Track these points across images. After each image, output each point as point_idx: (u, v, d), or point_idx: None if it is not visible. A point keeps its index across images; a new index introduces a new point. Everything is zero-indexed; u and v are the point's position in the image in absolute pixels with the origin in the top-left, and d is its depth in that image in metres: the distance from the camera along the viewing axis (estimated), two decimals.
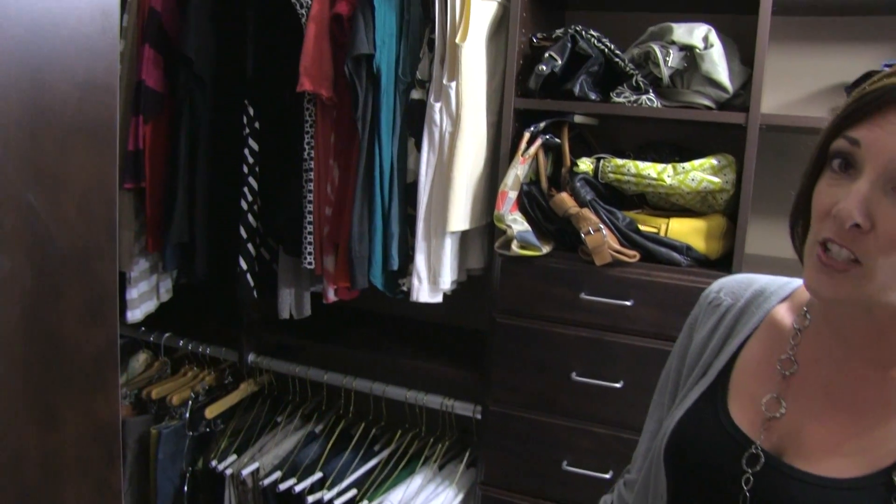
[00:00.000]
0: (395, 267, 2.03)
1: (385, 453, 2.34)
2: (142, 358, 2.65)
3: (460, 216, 1.97)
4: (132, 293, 2.29)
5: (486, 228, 2.16)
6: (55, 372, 1.05)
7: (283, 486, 2.23)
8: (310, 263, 2.09)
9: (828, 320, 0.90)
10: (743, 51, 1.97)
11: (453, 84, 1.90)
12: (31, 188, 0.98)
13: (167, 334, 2.59)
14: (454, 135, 1.93)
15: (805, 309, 0.94)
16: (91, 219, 1.06)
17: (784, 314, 0.96)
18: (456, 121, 1.93)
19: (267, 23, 2.10)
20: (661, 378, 1.11)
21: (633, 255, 1.88)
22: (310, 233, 2.08)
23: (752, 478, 0.87)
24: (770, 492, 0.86)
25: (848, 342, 0.87)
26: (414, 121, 2.01)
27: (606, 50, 1.94)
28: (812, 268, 0.81)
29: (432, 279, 2.03)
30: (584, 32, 1.96)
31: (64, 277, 1.04)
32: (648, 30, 1.94)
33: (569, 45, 1.95)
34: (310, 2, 1.96)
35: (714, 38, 1.85)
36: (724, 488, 0.89)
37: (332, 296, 2.14)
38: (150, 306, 2.36)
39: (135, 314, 2.30)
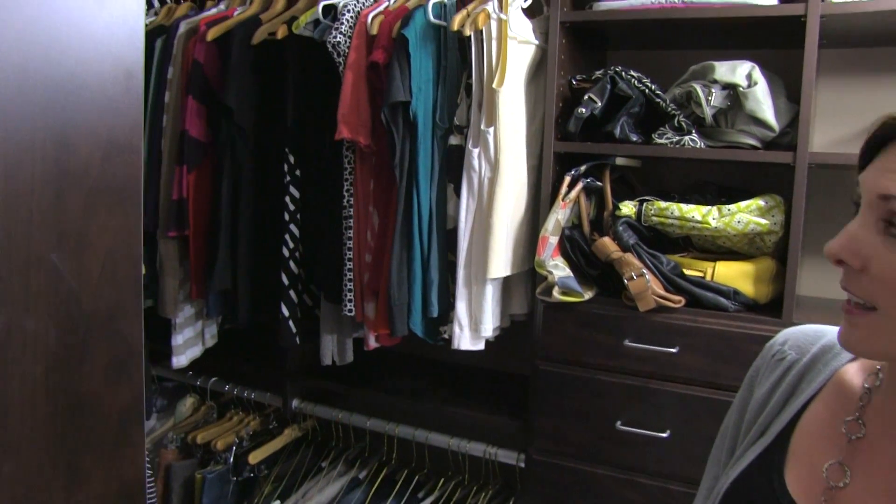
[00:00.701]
0: (435, 314, 2.01)
1: (428, 501, 2.30)
2: (189, 402, 2.67)
3: (501, 262, 1.95)
4: (177, 339, 2.31)
5: (530, 274, 2.13)
6: (80, 429, 1.05)
7: None
8: (350, 311, 2.08)
9: None
10: (790, 87, 1.91)
11: (491, 129, 1.89)
12: (56, 249, 0.98)
13: (213, 378, 2.61)
14: (493, 180, 1.91)
15: (878, 367, 0.85)
16: (116, 278, 1.06)
17: (854, 374, 0.88)
18: (495, 166, 1.91)
19: (306, 71, 2.12)
20: (719, 432, 1.04)
21: (677, 301, 1.82)
22: (350, 280, 2.07)
23: None
24: None
25: None
26: (453, 167, 1.99)
27: (647, 90, 1.91)
28: (842, 319, 0.79)
29: (473, 326, 2.00)
30: (623, 73, 1.93)
31: (89, 336, 1.04)
32: (690, 69, 1.90)
33: (608, 86, 1.92)
34: (347, 50, 1.97)
35: (758, 75, 1.80)
36: None
37: (373, 343, 2.13)
38: (195, 352, 2.38)
39: (180, 360, 2.32)
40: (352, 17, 2.00)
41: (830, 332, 0.94)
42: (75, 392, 1.04)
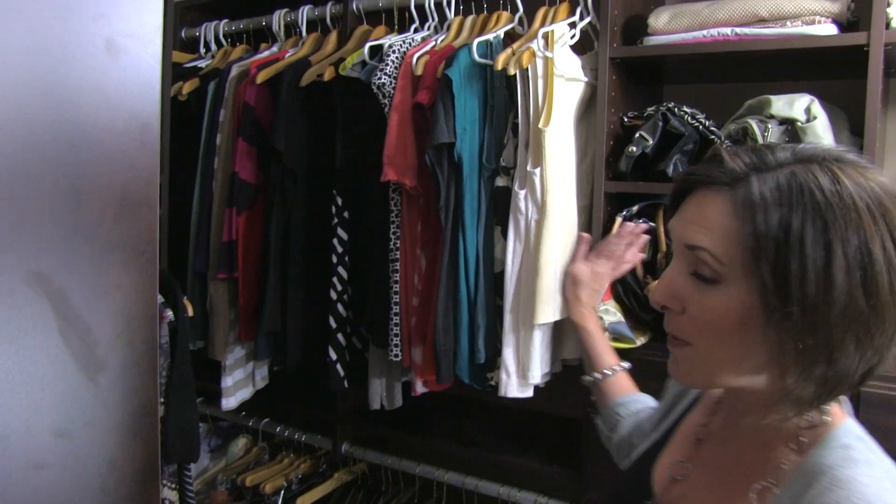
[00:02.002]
0: (482, 360, 1.95)
1: None
2: (241, 443, 2.67)
3: (549, 307, 1.87)
4: (227, 381, 2.30)
5: None
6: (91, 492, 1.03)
7: None
8: (396, 356, 2.03)
9: None
10: (853, 120, 1.80)
11: (538, 170, 1.83)
12: (65, 307, 0.97)
13: (265, 420, 2.60)
14: (540, 223, 1.85)
15: None
16: (130, 336, 1.04)
17: None
18: (542, 208, 1.84)
19: (354, 113, 2.10)
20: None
21: None
22: (396, 324, 2.03)
23: None
24: None
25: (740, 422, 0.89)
26: (500, 209, 1.94)
27: (700, 127, 1.82)
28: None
29: (521, 373, 1.92)
30: (676, 109, 1.85)
31: (99, 396, 1.02)
32: (746, 103, 1.81)
33: (660, 123, 1.85)
34: (392, 91, 1.95)
35: (818, 109, 1.70)
36: None
37: (420, 388, 2.08)
38: (245, 394, 2.37)
39: (229, 402, 2.31)
40: (397, 57, 1.98)
41: None
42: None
